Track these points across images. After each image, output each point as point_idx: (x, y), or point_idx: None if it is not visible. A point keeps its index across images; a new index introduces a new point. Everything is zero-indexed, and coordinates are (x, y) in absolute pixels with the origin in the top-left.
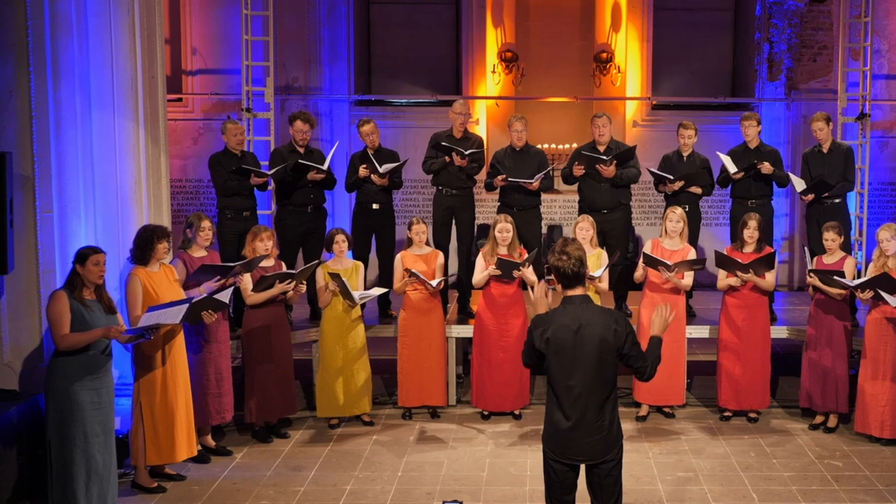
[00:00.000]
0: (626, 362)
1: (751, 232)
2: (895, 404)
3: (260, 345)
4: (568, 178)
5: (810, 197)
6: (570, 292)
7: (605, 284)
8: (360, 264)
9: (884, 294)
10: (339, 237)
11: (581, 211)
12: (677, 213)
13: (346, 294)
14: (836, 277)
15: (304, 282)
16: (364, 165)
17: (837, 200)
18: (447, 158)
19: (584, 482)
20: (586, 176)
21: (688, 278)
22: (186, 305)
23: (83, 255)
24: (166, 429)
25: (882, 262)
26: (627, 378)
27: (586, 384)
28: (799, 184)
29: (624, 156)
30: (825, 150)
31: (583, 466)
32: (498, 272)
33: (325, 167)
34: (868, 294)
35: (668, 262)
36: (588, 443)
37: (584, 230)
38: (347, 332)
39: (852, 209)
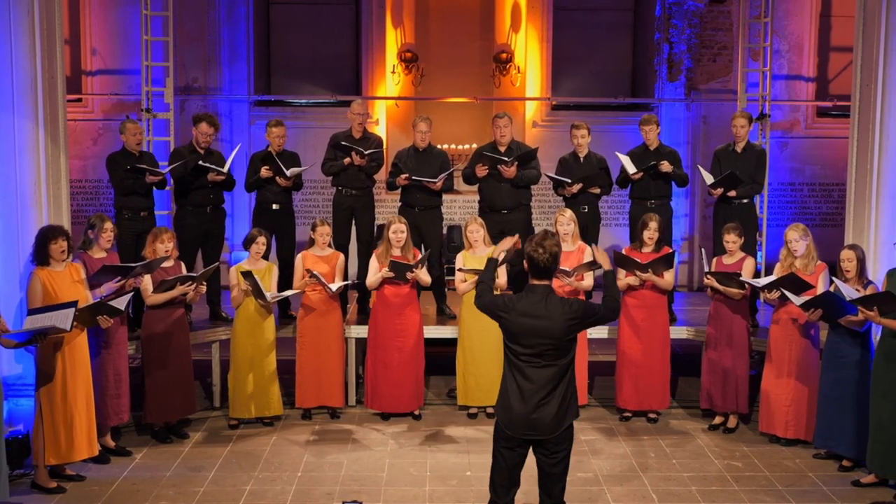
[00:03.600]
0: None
1: (651, 233)
2: (799, 404)
3: (159, 345)
4: (470, 179)
5: (719, 191)
6: (537, 282)
7: (502, 280)
8: (274, 265)
9: (788, 294)
10: (261, 239)
11: (481, 211)
12: (566, 215)
13: (257, 293)
14: (742, 279)
15: (205, 283)
16: (267, 167)
17: (745, 201)
18: (347, 160)
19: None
20: (488, 176)
21: (588, 279)
22: (72, 310)
23: None
24: (65, 428)
25: (789, 262)
26: None
27: (544, 365)
28: (708, 178)
29: (525, 157)
30: (739, 150)
31: (532, 460)
32: (391, 274)
33: (225, 169)
34: (775, 294)
35: (567, 269)
36: (540, 417)
37: (474, 231)
38: (257, 327)
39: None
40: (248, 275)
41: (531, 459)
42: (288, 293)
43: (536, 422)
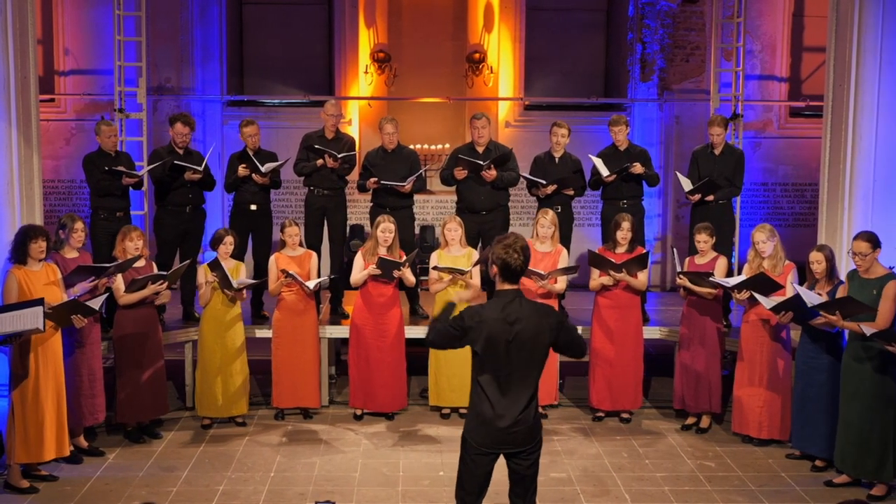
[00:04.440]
0: (562, 351)
1: (624, 233)
2: (772, 405)
3: (131, 346)
4: (448, 180)
5: (696, 197)
6: (508, 286)
7: (475, 281)
8: (242, 265)
9: (758, 297)
10: (228, 239)
11: (459, 212)
12: (549, 217)
13: (225, 282)
14: (711, 279)
15: (176, 285)
16: (244, 165)
17: (722, 202)
18: (319, 162)
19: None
20: (467, 178)
21: (561, 283)
22: (41, 308)
23: None
24: (35, 427)
25: (757, 263)
26: None
27: (518, 376)
28: (686, 184)
29: (501, 160)
30: (717, 152)
31: (501, 464)
32: (378, 272)
33: (201, 168)
34: (744, 295)
35: (542, 272)
36: (516, 431)
37: (452, 230)
38: (226, 331)
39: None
40: (214, 264)
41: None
42: (255, 282)
43: (515, 436)
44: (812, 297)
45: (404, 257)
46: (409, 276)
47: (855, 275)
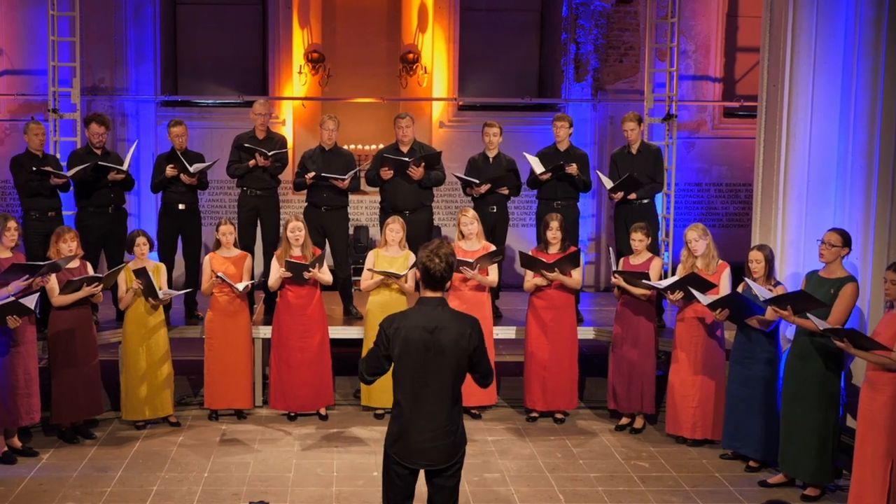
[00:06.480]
0: (471, 368)
1: (553, 233)
2: (706, 404)
3: (65, 346)
4: (374, 180)
5: (619, 195)
6: (430, 294)
7: (409, 285)
8: (163, 265)
9: (695, 293)
10: (140, 239)
11: (383, 212)
12: (469, 214)
13: (150, 290)
14: (644, 281)
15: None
16: (171, 165)
17: (646, 201)
18: (252, 162)
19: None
20: (393, 177)
21: (493, 274)
22: None
23: None
24: None
25: (691, 263)
26: None
27: (438, 388)
28: (607, 182)
29: (430, 160)
30: (633, 151)
31: (422, 471)
32: (289, 274)
33: (124, 168)
34: (678, 295)
35: (470, 261)
36: (436, 447)
37: (394, 231)
38: (151, 335)
39: (659, 210)
40: (140, 271)
41: None
42: (178, 292)
43: (433, 452)
44: (763, 292)
45: (316, 256)
46: (321, 276)
47: (814, 275)
